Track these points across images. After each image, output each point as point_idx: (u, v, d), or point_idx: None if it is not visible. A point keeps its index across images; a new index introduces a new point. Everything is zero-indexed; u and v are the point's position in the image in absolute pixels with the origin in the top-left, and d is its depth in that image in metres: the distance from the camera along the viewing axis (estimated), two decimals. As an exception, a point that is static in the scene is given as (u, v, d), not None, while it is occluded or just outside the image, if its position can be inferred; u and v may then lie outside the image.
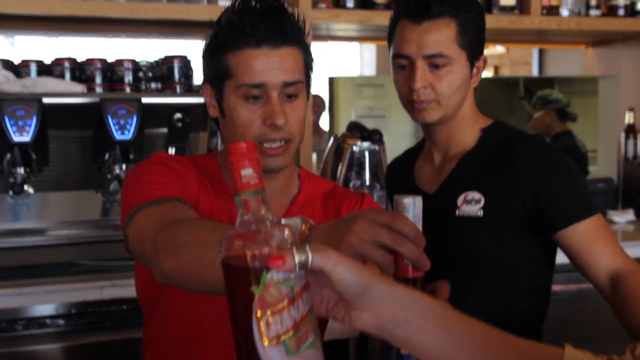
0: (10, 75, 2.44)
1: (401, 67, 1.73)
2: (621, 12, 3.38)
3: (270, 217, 0.88)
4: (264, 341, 0.83)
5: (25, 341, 2.24)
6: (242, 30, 1.44)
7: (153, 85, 2.64)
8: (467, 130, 1.79)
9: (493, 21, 3.13)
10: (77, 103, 2.50)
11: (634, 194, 3.60)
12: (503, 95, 4.16)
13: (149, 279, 1.38)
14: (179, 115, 2.54)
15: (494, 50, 5.95)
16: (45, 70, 2.58)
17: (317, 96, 4.82)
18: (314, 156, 3.41)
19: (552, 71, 4.47)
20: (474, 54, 1.74)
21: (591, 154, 4.01)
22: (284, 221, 0.95)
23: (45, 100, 2.40)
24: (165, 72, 2.61)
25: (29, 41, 4.73)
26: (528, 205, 1.69)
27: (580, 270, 1.70)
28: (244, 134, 1.47)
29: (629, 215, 3.40)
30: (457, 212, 1.73)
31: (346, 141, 2.80)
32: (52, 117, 2.46)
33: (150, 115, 2.53)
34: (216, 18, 1.50)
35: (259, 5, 1.45)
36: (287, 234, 0.87)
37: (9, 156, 2.38)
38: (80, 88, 2.50)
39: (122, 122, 2.43)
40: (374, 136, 2.76)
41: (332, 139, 2.90)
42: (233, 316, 0.86)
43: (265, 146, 1.47)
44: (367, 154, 2.78)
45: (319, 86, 3.41)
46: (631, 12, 3.40)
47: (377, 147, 2.79)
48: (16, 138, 2.33)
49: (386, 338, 0.89)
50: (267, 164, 1.49)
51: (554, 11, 3.25)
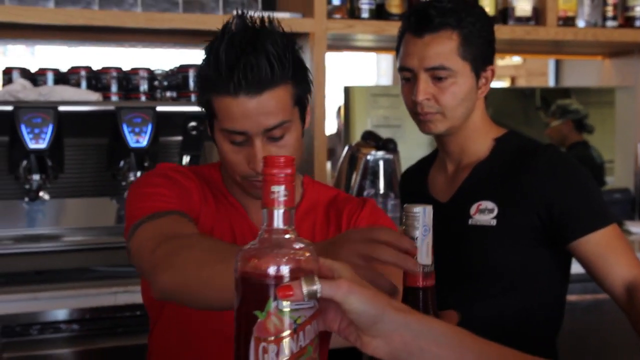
0: (27, 84, 2.46)
1: (406, 79, 1.74)
2: (638, 23, 3.34)
3: (293, 237, 0.87)
4: None
5: (40, 345, 2.26)
6: (220, 77, 1.37)
7: (168, 94, 2.65)
8: (479, 140, 1.78)
9: (508, 32, 3.12)
10: (93, 111, 2.52)
11: (651, 205, 3.57)
12: (519, 105, 4.14)
13: None
14: (193, 124, 2.54)
15: (510, 61, 5.93)
16: (61, 78, 2.60)
17: None
18: (329, 165, 3.41)
19: (569, 82, 4.45)
20: (479, 64, 1.73)
21: (608, 165, 3.98)
22: None
23: (61, 109, 2.42)
24: (180, 81, 2.63)
25: (48, 51, 4.76)
26: (542, 215, 1.68)
27: (595, 281, 1.69)
28: (232, 171, 1.46)
29: (646, 226, 3.37)
30: (470, 222, 1.73)
31: (360, 150, 2.80)
32: (68, 125, 2.48)
33: (165, 124, 2.54)
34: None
35: (238, 49, 1.36)
36: (305, 257, 0.86)
37: (25, 163, 2.40)
38: (95, 96, 2.52)
39: (137, 130, 2.44)
40: (388, 145, 2.76)
41: (346, 148, 2.90)
42: (237, 329, 0.87)
43: (256, 183, 1.44)
44: (381, 163, 2.78)
45: (335, 95, 3.40)
46: (648, 23, 3.38)
47: (391, 156, 2.79)
48: (32, 145, 2.35)
49: None
50: (258, 194, 1.45)
51: (570, 22, 3.23)
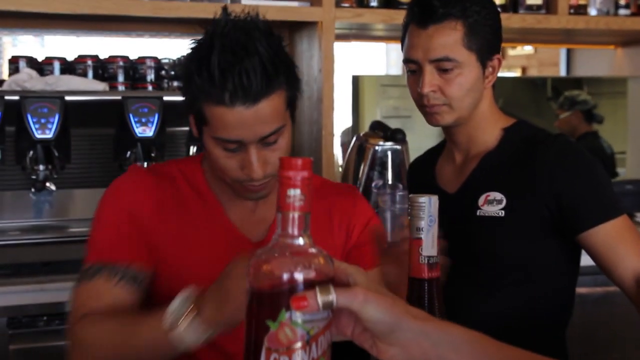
0: (33, 73, 2.45)
1: (412, 71, 1.72)
2: (651, 11, 3.32)
3: (308, 243, 0.84)
4: None
5: (47, 337, 2.26)
6: (214, 86, 1.34)
7: (175, 84, 2.64)
8: (487, 130, 1.76)
9: (519, 21, 3.09)
10: (99, 101, 2.51)
11: (664, 196, 3.54)
12: (530, 95, 4.11)
13: None
14: (200, 114, 2.53)
15: (521, 51, 5.89)
16: (68, 68, 2.59)
17: None
18: (340, 156, 3.39)
19: (580, 72, 4.41)
20: (485, 54, 1.70)
21: (620, 156, 3.95)
22: None
23: (68, 98, 2.42)
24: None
25: (57, 41, 4.76)
26: (551, 206, 1.66)
27: (605, 273, 1.67)
28: (223, 174, 1.44)
29: (658, 218, 3.34)
30: (479, 213, 1.71)
31: (368, 141, 2.77)
32: (75, 114, 2.48)
33: (171, 114, 2.53)
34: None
35: (230, 56, 1.33)
36: (320, 264, 0.84)
37: (31, 153, 2.40)
38: (102, 86, 2.51)
39: (143, 120, 2.43)
40: (396, 135, 2.73)
41: (354, 139, 2.88)
42: (247, 338, 0.84)
43: (249, 186, 1.44)
44: (389, 153, 2.75)
45: (342, 85, 3.38)
46: (661, 11, 3.34)
47: (399, 147, 2.76)
48: (38, 135, 2.35)
49: None
50: (253, 197, 1.48)
51: (581, 10, 3.20)
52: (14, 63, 2.56)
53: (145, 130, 2.43)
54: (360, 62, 5.68)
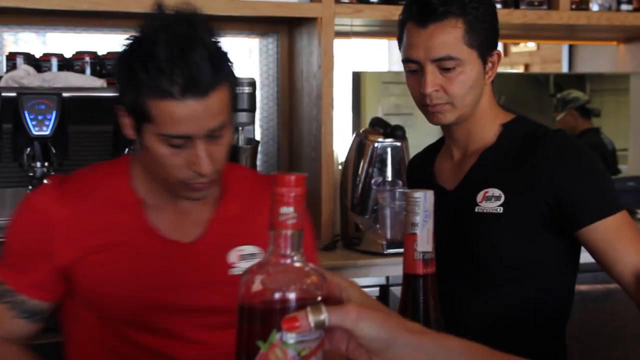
0: (30, 70, 2.44)
1: (412, 71, 1.69)
2: (653, 6, 3.30)
3: (301, 262, 0.83)
4: None
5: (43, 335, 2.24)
6: (165, 79, 1.31)
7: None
8: (486, 126, 1.75)
9: (520, 16, 3.07)
10: (97, 97, 2.50)
11: (666, 193, 3.52)
12: (533, 92, 4.09)
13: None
14: (199, 110, 2.52)
15: (524, 47, 5.87)
16: (66, 64, 2.58)
17: None
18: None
19: (583, 68, 4.39)
20: (485, 50, 1.69)
21: (622, 153, 3.93)
22: None
23: (65, 95, 2.40)
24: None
25: (58, 39, 4.75)
26: (550, 202, 1.64)
27: (604, 269, 1.66)
28: (167, 173, 1.41)
29: (660, 215, 3.33)
30: (477, 209, 1.70)
31: (368, 137, 2.76)
32: (72, 111, 2.46)
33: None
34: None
35: (177, 48, 1.31)
36: (312, 283, 0.82)
37: (28, 150, 2.38)
38: (100, 83, 2.50)
39: (141, 116, 2.42)
40: (396, 132, 2.72)
41: (354, 135, 2.87)
42: (237, 357, 0.82)
43: (193, 185, 1.42)
44: (389, 150, 2.74)
45: (344, 82, 3.36)
46: (664, 6, 3.33)
47: (399, 144, 2.75)
48: (36, 132, 2.34)
49: None
50: (195, 197, 1.47)
51: (583, 6, 3.19)
52: (12, 59, 2.55)
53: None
54: (362, 59, 5.65)
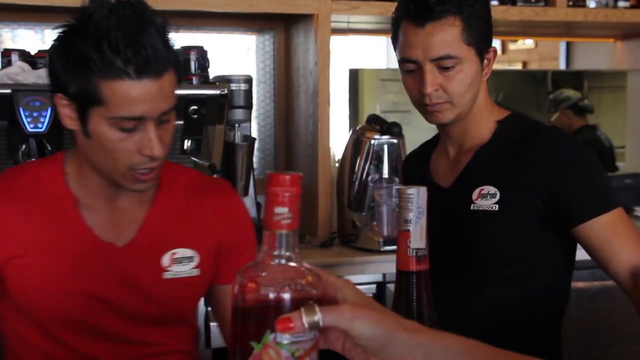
0: (25, 66, 2.43)
1: (409, 71, 1.68)
2: (650, 3, 3.30)
3: (296, 262, 0.82)
4: None
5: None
6: (119, 58, 1.31)
7: (169, 77, 2.61)
8: (482, 123, 1.74)
9: (517, 13, 3.07)
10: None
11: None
12: (531, 89, 4.09)
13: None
14: (195, 107, 2.51)
15: (522, 45, 5.86)
16: (61, 61, 2.57)
17: None
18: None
19: (580, 65, 4.39)
20: (482, 47, 1.68)
21: (619, 150, 3.93)
22: None
23: (60, 91, 2.39)
24: (182, 63, 2.59)
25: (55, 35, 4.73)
26: (545, 199, 1.64)
27: (600, 266, 1.66)
28: (115, 160, 1.41)
29: (657, 212, 3.32)
30: (472, 207, 1.69)
31: (365, 134, 2.75)
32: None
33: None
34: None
35: (129, 27, 1.32)
36: (307, 283, 0.81)
37: (23, 147, 2.37)
38: (95, 79, 2.48)
39: (137, 113, 2.41)
40: (393, 129, 2.71)
41: (350, 132, 2.86)
42: (231, 358, 0.82)
43: (139, 172, 1.42)
44: (385, 147, 2.74)
45: (340, 79, 3.36)
46: (661, 3, 3.32)
47: (396, 141, 2.74)
48: (31, 129, 2.33)
49: None
50: (138, 188, 1.46)
51: (580, 2, 3.18)
52: (7, 56, 2.54)
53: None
54: (361, 56, 5.64)
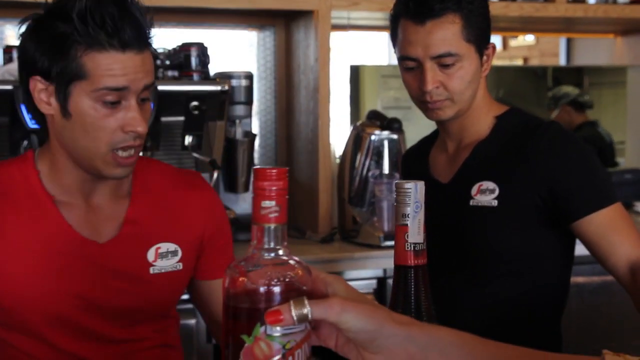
0: (27, 63, 2.43)
1: (409, 68, 1.68)
2: (651, -1, 3.29)
3: (284, 256, 0.83)
4: None
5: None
6: (105, 31, 1.35)
7: (170, 73, 2.62)
8: (480, 119, 1.75)
9: (517, 9, 3.07)
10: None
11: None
12: (531, 85, 4.10)
13: None
14: (195, 103, 2.51)
15: (523, 41, 5.86)
16: (62, 57, 2.57)
17: None
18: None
19: (580, 61, 4.39)
20: (481, 44, 1.69)
21: (620, 146, 3.93)
22: None
23: (62, 88, 2.39)
24: (182, 60, 2.59)
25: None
26: (543, 194, 1.64)
27: (599, 261, 1.66)
28: (97, 139, 1.40)
29: (657, 207, 3.33)
30: (471, 203, 1.70)
31: (365, 130, 2.76)
32: (69, 104, 2.46)
33: (166, 104, 2.51)
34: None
35: (119, 4, 1.38)
36: (297, 276, 0.82)
37: (25, 143, 2.38)
38: (96, 75, 2.49)
39: (138, 109, 2.41)
40: (393, 125, 2.72)
41: (351, 128, 2.87)
42: (225, 353, 0.83)
43: (121, 155, 1.42)
44: (386, 143, 2.74)
45: (340, 75, 3.36)
46: (661, -1, 3.32)
47: (396, 136, 2.75)
48: (32, 125, 2.33)
49: None
50: (118, 174, 1.45)
51: (580, -2, 3.18)
52: (8, 53, 2.55)
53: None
54: (363, 52, 5.64)
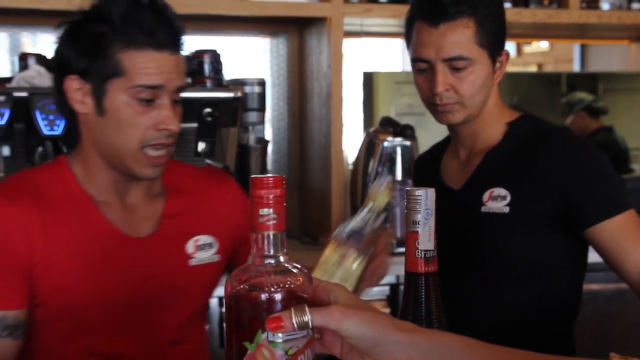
0: (42, 70, 2.46)
1: (421, 70, 1.69)
2: (665, 5, 3.28)
3: (284, 263, 0.84)
4: None
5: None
6: (143, 31, 1.42)
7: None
8: (492, 125, 1.74)
9: (530, 15, 3.06)
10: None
11: (678, 193, 3.50)
12: (545, 91, 4.08)
13: None
14: (208, 110, 2.52)
15: (537, 47, 5.85)
16: (77, 65, 2.59)
17: None
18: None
19: (595, 67, 4.38)
20: (495, 50, 1.69)
21: (635, 152, 3.92)
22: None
23: (76, 95, 2.41)
24: (196, 66, 2.61)
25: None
26: (556, 201, 1.64)
27: (612, 268, 1.65)
28: (129, 136, 1.44)
29: (672, 214, 3.30)
30: (483, 209, 1.69)
31: (378, 136, 2.76)
32: (83, 111, 2.47)
33: (180, 110, 2.53)
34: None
35: (157, 7, 1.44)
36: (297, 283, 0.83)
37: (40, 149, 2.40)
38: (110, 82, 2.51)
39: (152, 116, 2.43)
40: (405, 131, 2.72)
41: (364, 135, 2.87)
42: (228, 358, 0.84)
43: (152, 154, 1.45)
44: (398, 149, 2.74)
45: (354, 82, 3.37)
46: (675, 5, 3.30)
47: (409, 143, 2.75)
48: (47, 132, 2.35)
49: None
50: (150, 174, 1.47)
51: (593, 4, 3.17)
52: (24, 60, 2.57)
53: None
54: (377, 59, 5.64)
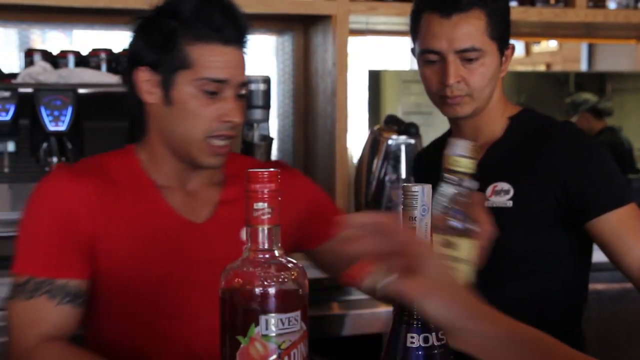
0: (47, 66, 2.47)
1: (430, 62, 1.69)
2: (673, 4, 3.27)
3: (279, 257, 0.84)
4: None
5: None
6: (211, 26, 1.47)
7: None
8: (495, 120, 1.75)
9: (536, 14, 3.05)
10: (113, 93, 2.52)
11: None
12: (553, 91, 4.07)
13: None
14: (213, 107, 2.53)
15: (546, 47, 5.83)
16: (82, 61, 2.61)
17: None
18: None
19: (602, 67, 4.37)
20: (503, 43, 1.70)
21: (641, 153, 3.91)
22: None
23: (81, 91, 2.43)
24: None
25: (86, 37, 4.79)
26: (558, 194, 1.64)
27: (612, 262, 1.66)
28: (194, 126, 1.49)
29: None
30: (486, 204, 1.69)
31: (382, 134, 2.76)
32: (88, 107, 2.49)
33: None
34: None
35: (225, 4, 1.50)
36: (292, 277, 0.83)
37: (45, 145, 2.41)
38: (115, 79, 2.52)
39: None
40: (410, 130, 2.72)
41: (368, 132, 2.87)
42: (221, 354, 0.85)
43: (215, 144, 1.50)
44: (403, 147, 2.74)
45: (360, 80, 3.37)
46: (683, 4, 3.29)
47: (413, 141, 2.75)
48: (52, 128, 2.36)
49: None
50: (213, 163, 1.53)
51: (600, 3, 3.15)
52: (30, 56, 2.59)
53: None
54: (385, 57, 5.64)
